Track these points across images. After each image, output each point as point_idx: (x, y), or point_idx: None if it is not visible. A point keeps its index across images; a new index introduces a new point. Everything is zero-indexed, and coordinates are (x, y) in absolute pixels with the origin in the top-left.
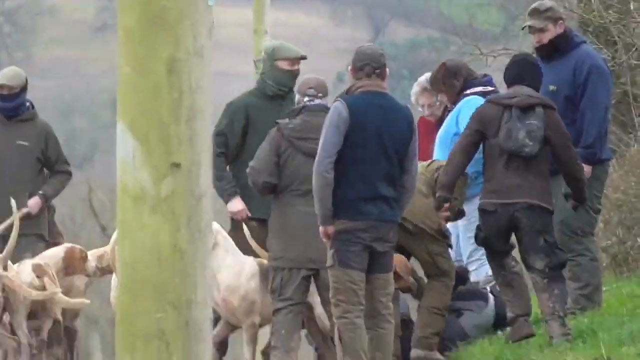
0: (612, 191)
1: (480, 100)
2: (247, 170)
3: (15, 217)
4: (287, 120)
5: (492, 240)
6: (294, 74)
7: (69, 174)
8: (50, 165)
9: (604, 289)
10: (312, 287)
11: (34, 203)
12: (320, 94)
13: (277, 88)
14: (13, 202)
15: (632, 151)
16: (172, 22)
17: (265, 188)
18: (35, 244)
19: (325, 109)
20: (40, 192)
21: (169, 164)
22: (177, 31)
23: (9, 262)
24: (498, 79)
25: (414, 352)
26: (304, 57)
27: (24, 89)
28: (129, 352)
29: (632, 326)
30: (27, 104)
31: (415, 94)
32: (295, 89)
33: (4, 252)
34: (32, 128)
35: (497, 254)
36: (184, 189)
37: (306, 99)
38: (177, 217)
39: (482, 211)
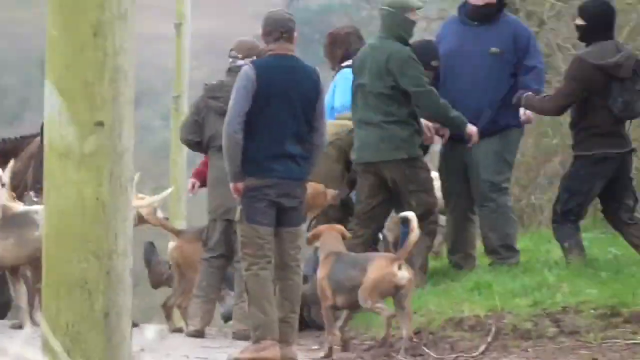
0: None
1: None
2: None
3: None
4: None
5: (595, 189)
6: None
7: None
8: None
9: None
10: None
11: None
12: (240, 55)
13: (408, 37)
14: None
15: None
16: None
17: (189, 145)
18: None
19: None
20: None
21: (93, 122)
22: None
23: None
24: None
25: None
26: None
27: None
28: (54, 299)
29: (525, 279)
30: None
31: None
32: None
33: None
34: None
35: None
36: (107, 146)
37: (230, 60)
38: (101, 172)
39: (602, 159)
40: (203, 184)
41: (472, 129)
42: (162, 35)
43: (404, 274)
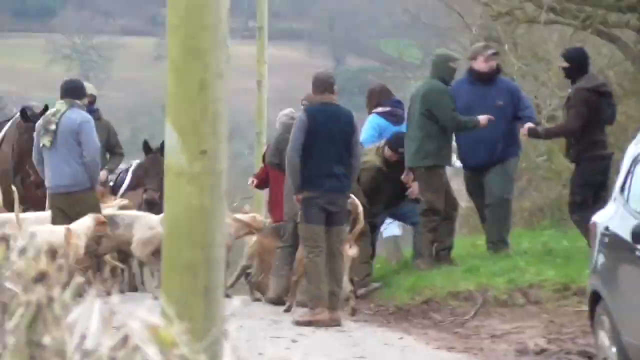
0: None
1: (377, 118)
2: None
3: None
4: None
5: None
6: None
7: (122, 155)
8: (110, 148)
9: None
10: None
11: (102, 174)
12: (309, 103)
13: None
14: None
15: None
16: (202, 54)
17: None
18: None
19: None
20: (107, 167)
21: (199, 150)
22: (206, 60)
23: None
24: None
25: (358, 292)
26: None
27: (96, 98)
28: (170, 278)
29: (502, 263)
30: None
31: None
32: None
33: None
34: (100, 124)
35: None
36: (208, 168)
37: (302, 107)
38: (204, 187)
39: (606, 158)
40: (259, 183)
41: (483, 118)
42: (247, 89)
43: (353, 250)
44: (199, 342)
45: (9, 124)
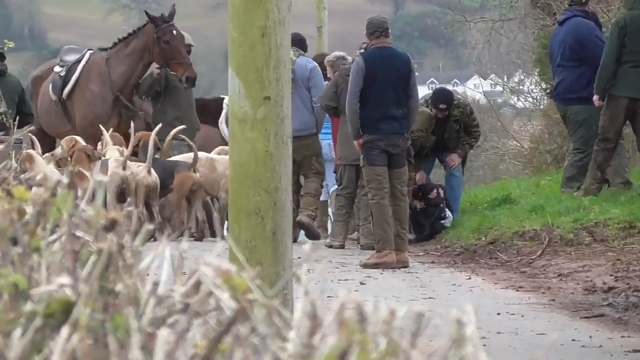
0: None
1: None
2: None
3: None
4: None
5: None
6: None
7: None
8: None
9: (548, 178)
10: None
11: None
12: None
13: None
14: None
15: None
16: (263, 1)
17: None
18: None
19: None
20: None
21: (262, 96)
22: (267, 7)
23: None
24: (474, 37)
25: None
26: None
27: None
28: (237, 223)
29: (567, 203)
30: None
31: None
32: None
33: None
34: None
35: None
36: (272, 114)
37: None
38: (268, 132)
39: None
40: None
41: None
42: (308, 34)
43: None
44: (268, 287)
45: (84, 61)
